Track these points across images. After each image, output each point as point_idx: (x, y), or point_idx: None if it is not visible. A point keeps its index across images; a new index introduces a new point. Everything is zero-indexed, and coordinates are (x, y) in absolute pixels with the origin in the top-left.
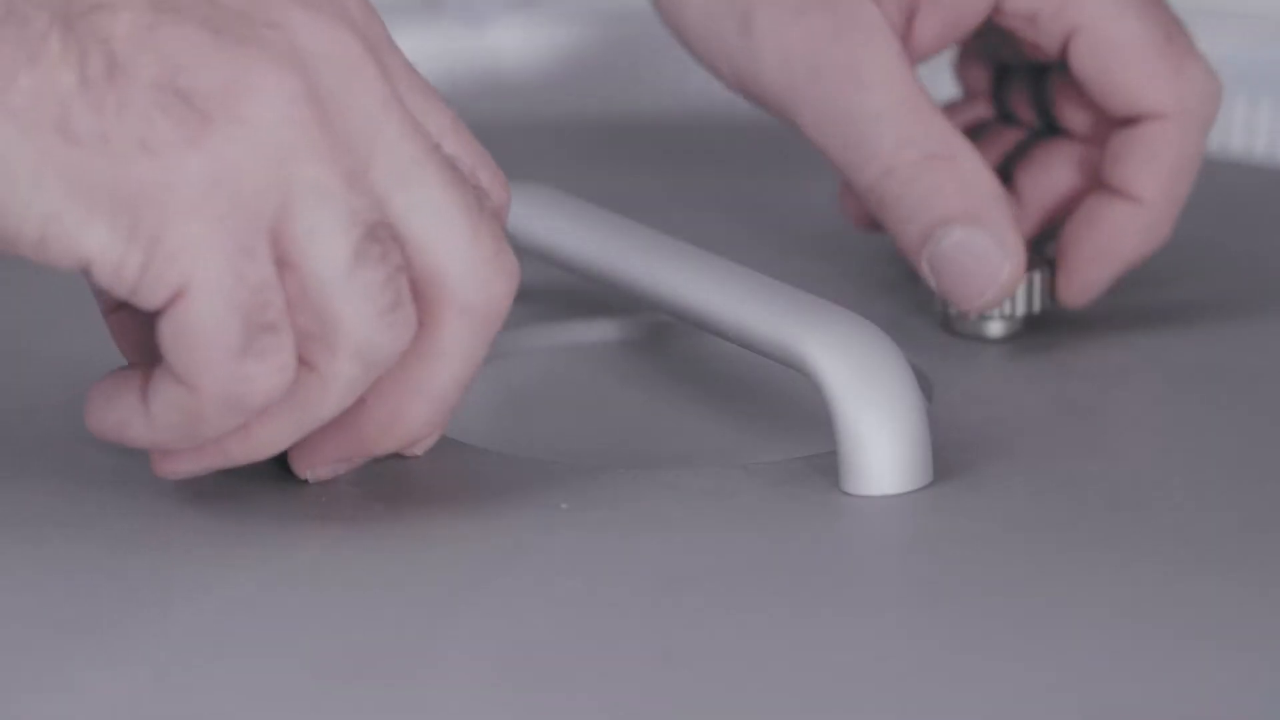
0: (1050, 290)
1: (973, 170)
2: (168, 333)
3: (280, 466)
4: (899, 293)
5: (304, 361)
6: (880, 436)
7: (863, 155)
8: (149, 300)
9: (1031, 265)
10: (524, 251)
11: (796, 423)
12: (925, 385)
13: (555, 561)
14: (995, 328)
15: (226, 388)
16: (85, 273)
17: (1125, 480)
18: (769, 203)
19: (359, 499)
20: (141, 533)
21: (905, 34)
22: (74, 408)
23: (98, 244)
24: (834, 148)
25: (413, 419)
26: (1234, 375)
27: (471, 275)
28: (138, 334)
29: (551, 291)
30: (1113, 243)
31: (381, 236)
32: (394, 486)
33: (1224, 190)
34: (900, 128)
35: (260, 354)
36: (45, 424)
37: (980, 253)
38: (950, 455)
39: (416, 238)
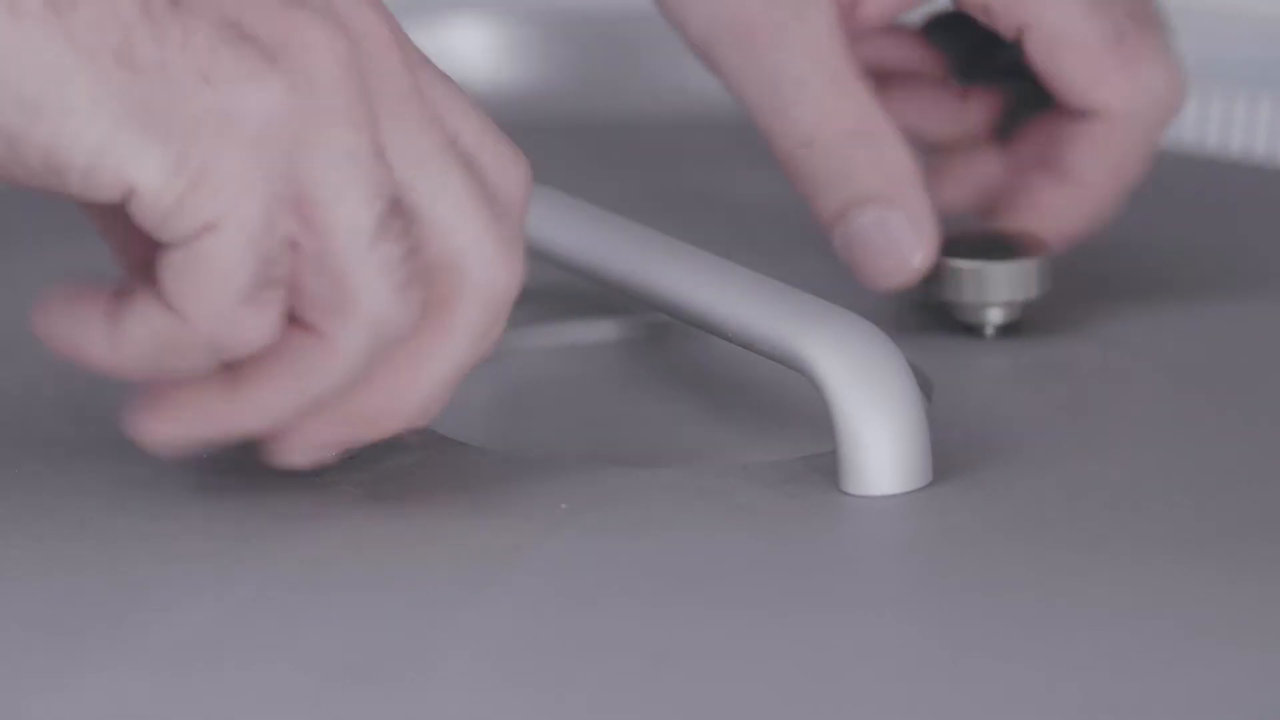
0: (1047, 277)
1: (893, 150)
2: (178, 261)
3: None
4: (899, 293)
5: (313, 328)
6: (880, 436)
7: (782, 122)
8: (176, 230)
9: (1028, 252)
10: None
11: (796, 423)
12: (925, 385)
13: (555, 561)
14: (994, 314)
15: (217, 327)
16: (125, 203)
17: (1125, 480)
18: (768, 202)
19: (359, 499)
20: (141, 533)
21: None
22: (74, 408)
23: (145, 172)
24: (754, 110)
25: (410, 403)
26: (1234, 375)
27: (486, 263)
28: (140, 251)
29: (551, 291)
30: (1050, 224)
31: (400, 213)
32: (394, 486)
33: (1224, 190)
34: (823, 99)
35: (260, 305)
36: (45, 424)
37: (894, 234)
38: (950, 455)
39: (435, 222)
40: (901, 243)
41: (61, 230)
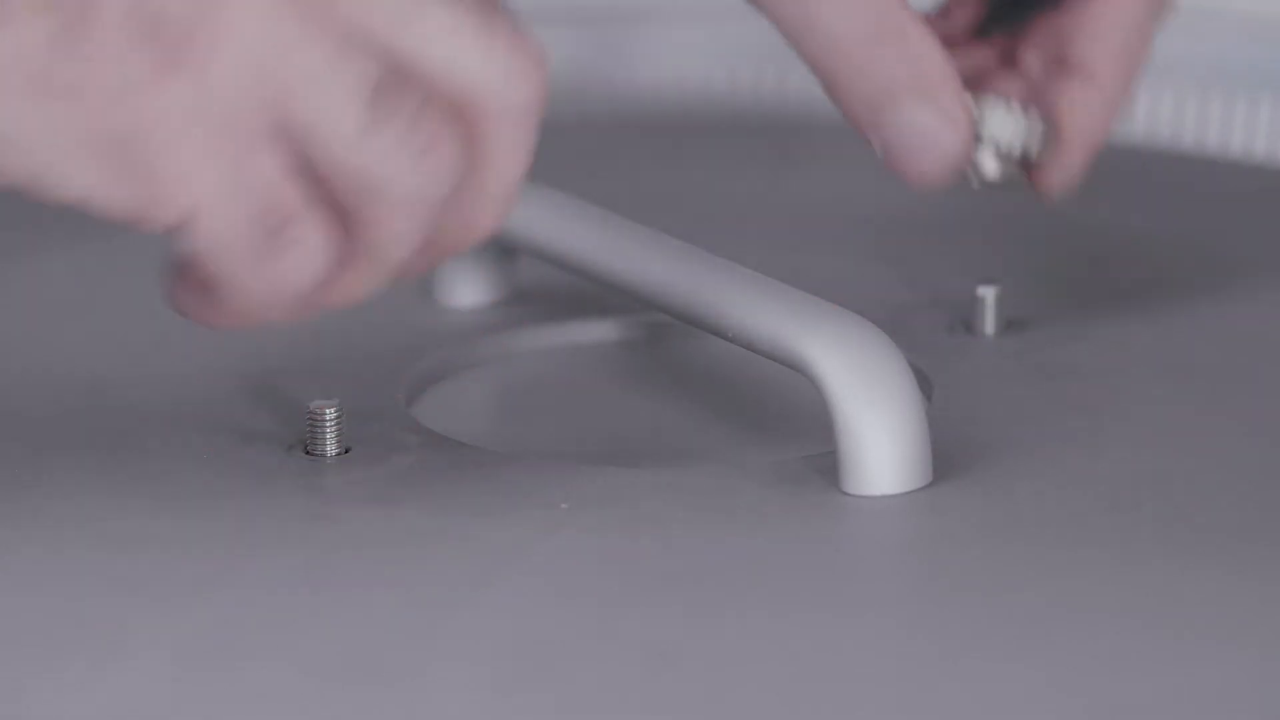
0: (1042, 137)
1: (920, 45)
2: (190, 248)
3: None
4: (899, 293)
5: (368, 222)
6: (880, 436)
7: (809, 25)
8: (156, 229)
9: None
10: (524, 252)
11: (796, 423)
12: (925, 385)
13: (555, 561)
14: (986, 159)
15: (269, 286)
16: (86, 210)
17: (1125, 480)
18: (768, 202)
19: (359, 499)
20: (141, 533)
21: None
22: (74, 408)
23: (89, 188)
24: (783, 21)
25: (484, 225)
26: (1235, 375)
27: (499, 77)
28: None
29: (551, 291)
30: (1074, 126)
31: (390, 87)
32: (394, 486)
33: (1224, 190)
34: (845, 1)
35: (289, 247)
36: (46, 423)
37: (928, 130)
38: (950, 455)
39: (434, 67)
40: (937, 137)
41: (62, 233)
